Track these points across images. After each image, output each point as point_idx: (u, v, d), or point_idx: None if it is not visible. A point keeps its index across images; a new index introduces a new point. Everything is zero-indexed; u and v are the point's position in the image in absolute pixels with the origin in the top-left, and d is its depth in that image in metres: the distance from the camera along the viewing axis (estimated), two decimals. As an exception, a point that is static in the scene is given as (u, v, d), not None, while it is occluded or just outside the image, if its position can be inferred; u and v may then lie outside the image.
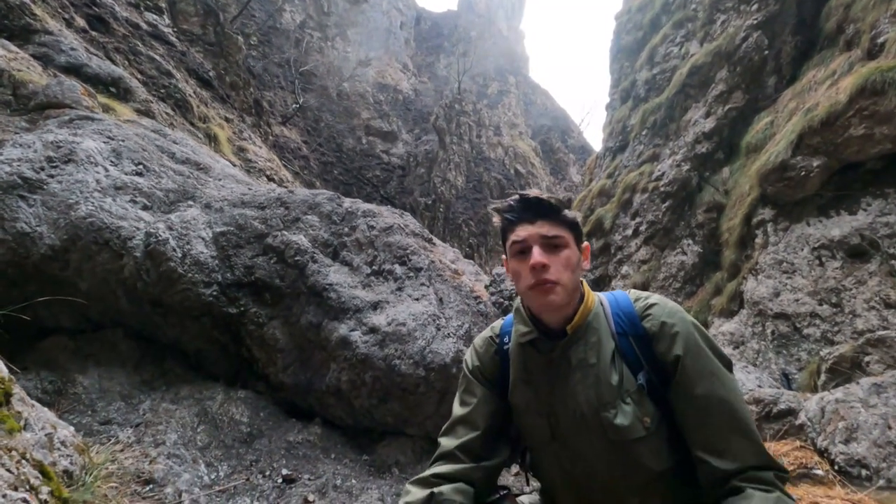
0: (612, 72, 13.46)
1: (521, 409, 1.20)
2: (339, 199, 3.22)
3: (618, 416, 1.06)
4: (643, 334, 1.09)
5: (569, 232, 1.12)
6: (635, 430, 1.05)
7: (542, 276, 1.07)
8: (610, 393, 1.07)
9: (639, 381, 1.07)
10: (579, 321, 1.13)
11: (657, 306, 1.12)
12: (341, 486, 2.42)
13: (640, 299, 1.16)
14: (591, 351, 1.11)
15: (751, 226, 6.87)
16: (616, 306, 1.16)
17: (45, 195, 2.66)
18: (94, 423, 2.57)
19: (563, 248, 1.10)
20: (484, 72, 27.54)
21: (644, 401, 1.06)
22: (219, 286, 2.84)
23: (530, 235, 1.10)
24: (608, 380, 1.08)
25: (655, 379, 1.08)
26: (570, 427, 1.12)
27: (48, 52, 4.91)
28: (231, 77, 11.86)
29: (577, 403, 1.11)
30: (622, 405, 1.06)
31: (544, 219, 1.10)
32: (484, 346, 1.32)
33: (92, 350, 2.90)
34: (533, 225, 1.10)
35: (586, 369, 1.10)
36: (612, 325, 1.13)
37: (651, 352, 1.08)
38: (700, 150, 8.78)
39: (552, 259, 1.09)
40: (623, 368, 1.09)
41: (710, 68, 9.08)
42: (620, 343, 1.11)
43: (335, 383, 2.70)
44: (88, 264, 2.69)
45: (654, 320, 1.09)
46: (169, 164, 3.31)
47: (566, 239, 1.11)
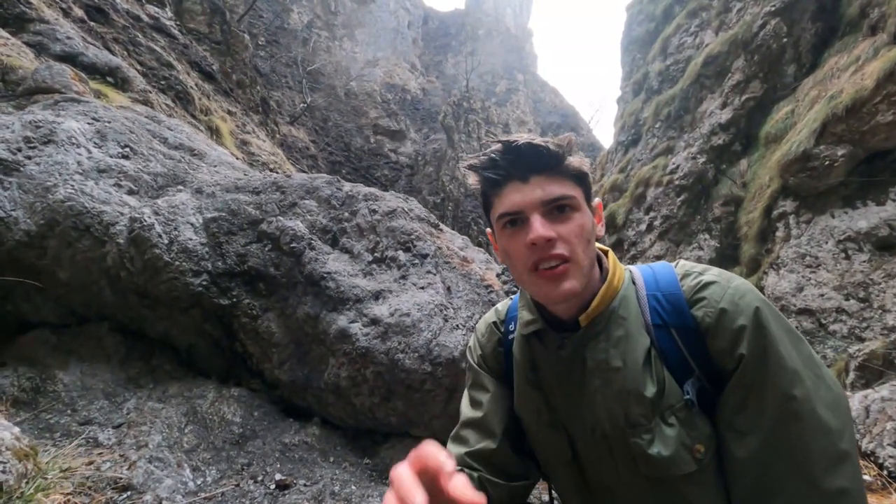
0: (624, 64, 13.16)
1: (530, 420, 0.91)
2: (339, 183, 3.00)
3: (654, 444, 0.75)
4: (693, 326, 0.76)
5: (578, 188, 0.79)
6: (681, 462, 0.74)
7: (548, 252, 0.76)
8: (642, 409, 0.76)
9: (686, 395, 0.74)
10: (599, 309, 0.81)
11: (715, 286, 0.77)
12: (340, 494, 2.19)
13: (689, 275, 0.81)
14: (614, 350, 0.80)
15: (771, 219, 6.58)
16: (654, 286, 0.83)
17: (22, 177, 2.47)
18: (73, 424, 2.37)
19: (574, 212, 0.78)
20: (492, 70, 27.33)
21: (695, 420, 0.74)
22: (209, 275, 2.63)
23: (526, 201, 0.77)
24: (639, 391, 0.77)
25: (711, 389, 0.75)
26: (588, 448, 0.84)
27: (43, 40, 4.77)
28: (238, 75, 11.75)
29: (596, 419, 0.81)
30: (662, 427, 0.75)
31: (542, 173, 0.77)
32: (486, 334, 1.02)
33: (75, 345, 2.70)
34: (527, 184, 0.77)
35: (608, 374, 0.80)
36: (647, 314, 0.81)
37: (704, 350, 0.75)
38: (716, 141, 8.49)
39: (559, 227, 0.77)
40: (664, 375, 0.77)
41: (727, 58, 8.79)
42: (659, 339, 0.78)
43: (334, 380, 2.48)
44: (68, 251, 2.49)
45: (709, 307, 0.75)
46: (159, 148, 3.11)
47: (576, 198, 0.78)
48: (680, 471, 0.74)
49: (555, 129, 26.75)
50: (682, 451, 0.74)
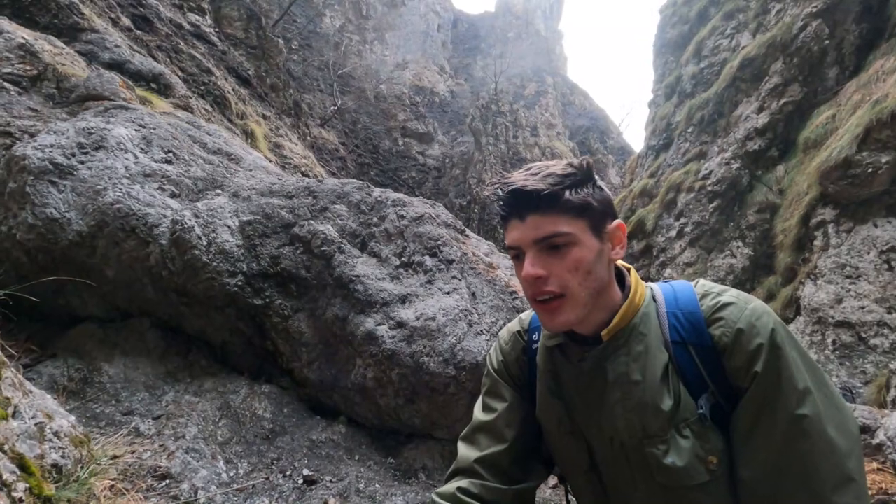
0: (656, 67, 12.94)
1: (551, 427, 0.95)
2: (369, 188, 3.08)
3: (669, 454, 0.79)
4: (710, 345, 0.80)
5: (577, 220, 0.81)
6: (694, 473, 0.78)
7: (541, 288, 0.81)
8: (659, 421, 0.80)
9: (700, 409, 0.78)
10: (620, 324, 0.85)
11: (733, 307, 0.80)
12: (364, 491, 2.26)
13: (708, 295, 0.85)
14: (634, 364, 0.84)
15: (809, 227, 6.37)
16: (674, 304, 0.86)
17: (75, 181, 2.64)
18: (117, 414, 2.51)
19: (570, 247, 0.81)
20: (521, 72, 27.21)
21: (708, 434, 0.78)
22: (244, 276, 2.75)
23: (521, 239, 0.82)
24: (657, 404, 0.80)
25: (725, 405, 0.79)
26: (606, 458, 0.88)
27: (93, 49, 5.04)
28: (272, 79, 12.08)
29: (615, 430, 0.85)
30: (677, 438, 0.79)
31: (537, 212, 0.81)
32: (510, 342, 1.05)
33: (119, 339, 2.86)
34: (523, 222, 0.82)
35: (628, 387, 0.84)
36: (667, 331, 0.84)
37: (720, 368, 0.79)
38: (752, 146, 8.27)
39: (553, 264, 0.81)
40: (680, 389, 0.80)
41: (764, 60, 8.55)
42: (677, 355, 0.82)
43: (360, 380, 2.56)
44: (115, 251, 2.65)
45: (726, 327, 0.79)
46: (199, 153, 3.26)
47: (572, 234, 0.81)
48: (693, 481, 0.78)
49: (584, 132, 26.44)
50: (695, 462, 0.77)
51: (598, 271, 0.83)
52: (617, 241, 0.87)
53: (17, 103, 3.55)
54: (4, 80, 3.57)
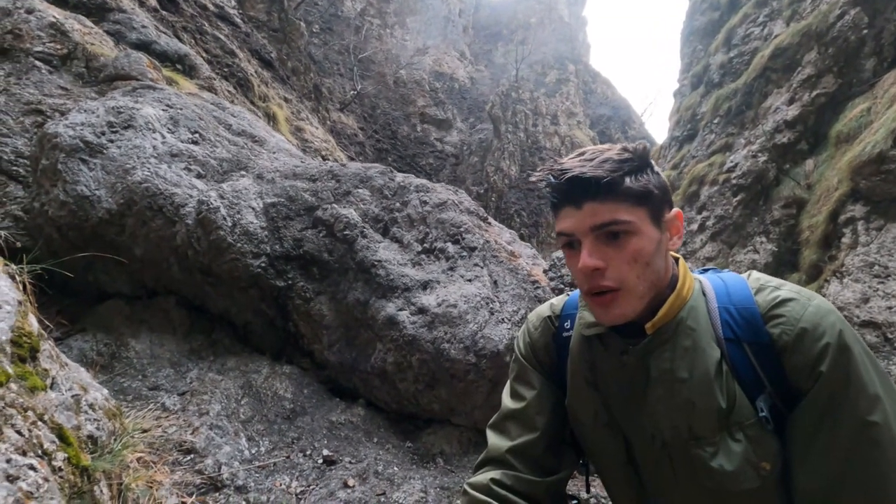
0: (683, 56, 12.57)
1: (586, 418, 0.91)
2: (392, 174, 3.07)
3: (718, 456, 0.74)
4: (768, 343, 0.74)
5: (636, 208, 0.77)
6: (744, 478, 0.73)
7: (597, 282, 0.77)
8: (707, 422, 0.75)
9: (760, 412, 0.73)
10: (666, 318, 0.80)
11: (794, 303, 0.74)
12: (382, 473, 2.28)
13: (765, 289, 0.78)
14: (681, 361, 0.78)
15: (837, 224, 6.19)
16: (726, 298, 0.80)
17: (105, 159, 2.68)
18: (144, 388, 2.57)
19: (629, 236, 0.76)
20: (543, 59, 26.76)
21: (764, 438, 0.73)
22: (267, 258, 2.77)
23: (577, 227, 0.77)
24: (707, 404, 0.75)
25: (783, 407, 0.73)
26: (646, 455, 0.83)
27: (121, 28, 5.08)
28: (293, 62, 12.08)
29: (656, 428, 0.80)
30: (728, 441, 0.74)
31: (595, 199, 0.76)
32: (539, 328, 1.01)
33: (145, 316, 2.92)
34: (580, 210, 0.77)
35: (673, 385, 0.79)
36: (719, 328, 0.79)
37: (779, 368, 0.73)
38: (780, 139, 8.02)
39: (611, 255, 0.76)
40: (735, 389, 0.75)
41: (797, 50, 8.26)
42: (730, 352, 0.76)
43: (380, 364, 2.57)
44: (143, 230, 2.69)
45: (787, 325, 0.73)
46: (225, 135, 3.28)
47: (633, 223, 0.76)
48: (741, 486, 0.73)
49: (605, 121, 25.99)
50: (746, 466, 0.73)
51: (656, 263, 0.79)
52: (675, 230, 0.82)
53: (48, 82, 3.60)
54: (36, 59, 3.62)
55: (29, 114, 3.32)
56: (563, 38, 29.08)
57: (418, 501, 2.08)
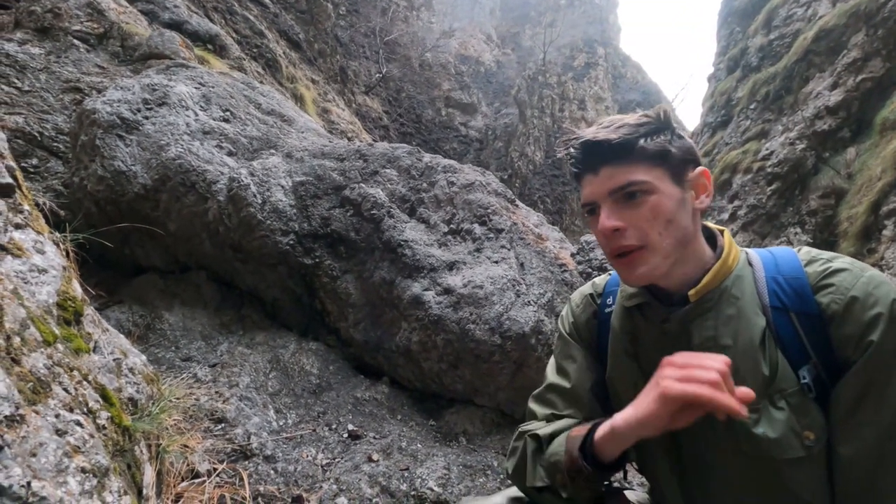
0: (720, 38, 12.12)
1: (625, 389, 0.91)
2: (419, 154, 3.05)
3: (761, 424, 0.74)
4: (816, 313, 0.73)
5: (654, 168, 0.79)
6: (788, 446, 0.73)
7: (618, 242, 0.79)
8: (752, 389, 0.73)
9: (802, 379, 0.73)
10: (710, 285, 0.80)
11: (846, 273, 0.73)
12: (406, 449, 2.32)
13: (816, 261, 0.78)
14: (724, 328, 0.78)
15: (878, 215, 5.94)
16: (774, 269, 0.81)
17: (140, 136, 2.73)
18: (177, 359, 2.66)
19: (646, 195, 0.78)
20: (571, 42, 26.13)
21: (808, 407, 0.73)
22: (295, 235, 2.81)
23: (595, 193, 0.81)
24: (750, 370, 0.75)
25: (827, 378, 0.73)
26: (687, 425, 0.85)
27: (154, 8, 5.15)
28: (319, 44, 12.08)
29: None
30: (770, 409, 0.74)
31: (611, 163, 0.79)
32: (581, 305, 1.04)
33: (178, 290, 3.01)
34: (597, 176, 0.80)
35: (715, 352, 0.76)
36: (766, 296, 0.78)
37: (825, 338, 0.73)
38: (821, 126, 7.69)
39: (629, 215, 0.78)
40: (779, 358, 0.75)
41: (843, 32, 7.86)
42: (776, 322, 0.76)
43: (405, 343, 2.59)
44: (176, 205, 2.75)
45: (838, 293, 0.72)
46: (255, 113, 3.31)
47: (649, 182, 0.78)
48: (785, 454, 0.73)
49: (634, 106, 25.30)
50: (790, 435, 0.73)
51: (680, 219, 0.79)
52: (702, 188, 0.83)
53: (85, 60, 3.68)
54: (74, 38, 3.70)
55: (68, 91, 3.41)
56: (593, 21, 28.33)
57: (441, 478, 2.10)
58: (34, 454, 0.75)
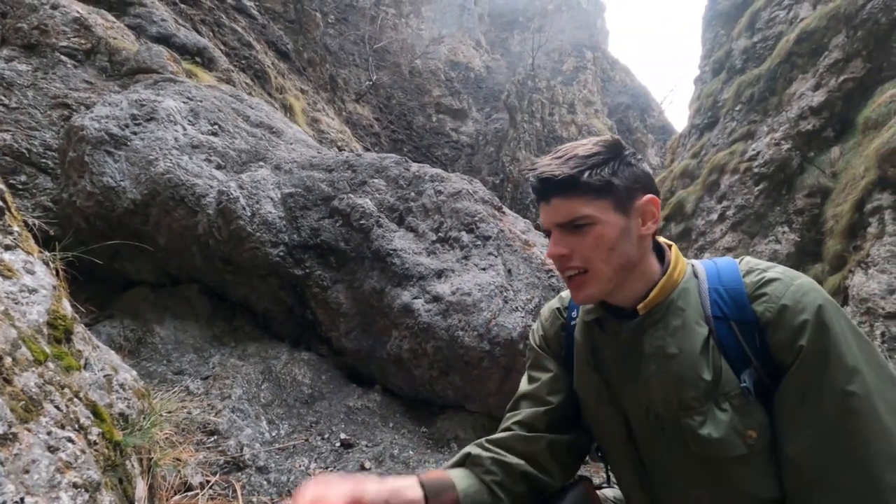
0: (705, 41, 12.31)
1: (589, 399, 0.98)
2: (407, 163, 3.09)
3: (706, 425, 0.79)
4: (753, 320, 0.80)
5: (597, 200, 0.84)
6: (731, 445, 0.78)
7: (565, 264, 0.87)
8: (695, 393, 0.81)
9: (742, 383, 0.78)
10: (656, 299, 0.87)
11: (778, 283, 0.79)
12: (398, 457, 2.34)
13: (753, 271, 0.84)
14: (671, 338, 0.85)
15: (863, 213, 6.05)
16: (716, 280, 0.87)
17: (129, 151, 2.76)
18: (169, 373, 2.67)
19: (591, 226, 0.84)
20: (560, 47, 26.38)
21: (750, 408, 0.78)
22: (285, 247, 2.83)
23: (546, 221, 0.89)
24: (695, 377, 0.81)
25: (768, 381, 0.78)
26: (642, 429, 0.90)
27: (141, 22, 5.17)
28: (309, 53, 12.13)
29: (650, 401, 0.86)
30: (715, 411, 0.79)
31: (559, 195, 0.86)
32: (550, 319, 1.11)
33: (169, 303, 3.02)
34: (549, 205, 0.87)
35: (664, 360, 0.85)
36: (708, 307, 0.85)
37: (763, 344, 0.79)
38: (805, 126, 7.82)
39: (574, 241, 0.85)
40: (721, 364, 0.81)
41: (825, 34, 8.01)
42: (718, 330, 0.82)
43: (396, 351, 2.62)
44: (166, 219, 2.77)
45: (770, 302, 0.78)
46: (243, 126, 3.34)
47: (591, 216, 0.84)
48: (729, 452, 0.78)
49: (623, 109, 25.56)
50: (733, 434, 0.78)
51: (622, 247, 0.85)
52: (649, 215, 0.88)
53: (73, 76, 3.70)
54: (62, 54, 3.72)
55: (56, 107, 3.43)
56: (581, 25, 28.63)
57: (433, 484, 2.13)
58: (27, 471, 0.77)
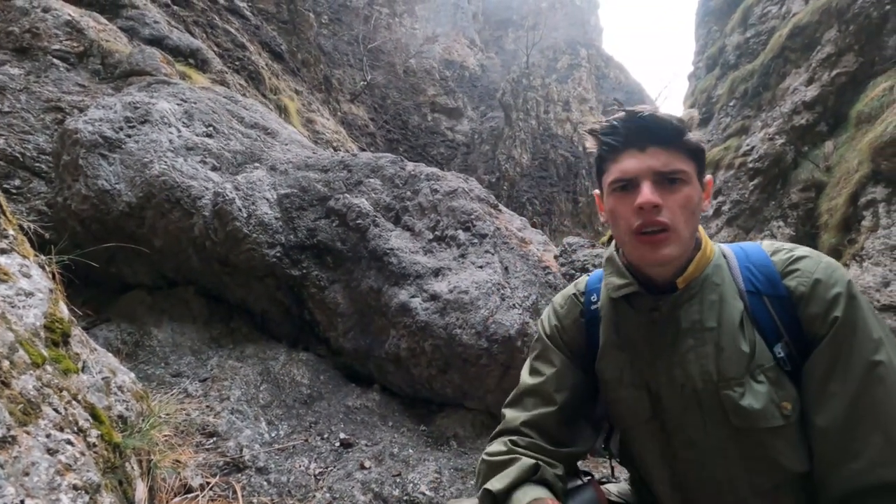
0: (698, 38, 12.33)
1: (612, 380, 0.97)
2: (402, 163, 3.10)
3: (746, 397, 0.81)
4: (785, 295, 0.83)
5: (692, 163, 0.86)
6: (770, 416, 0.80)
7: (653, 217, 0.83)
8: (737, 366, 0.83)
9: (778, 354, 0.82)
10: (694, 273, 0.88)
11: (808, 260, 0.84)
12: (398, 455, 2.35)
13: (781, 250, 0.88)
14: (709, 312, 0.86)
15: (857, 206, 6.07)
16: (745, 259, 0.90)
17: (123, 154, 2.75)
18: (167, 375, 2.66)
19: (684, 185, 0.84)
20: (554, 45, 26.38)
21: (783, 381, 0.81)
22: (282, 248, 2.83)
23: (640, 168, 0.84)
24: (735, 349, 0.83)
25: (798, 355, 0.82)
26: (675, 405, 0.89)
27: (134, 25, 5.15)
28: (303, 54, 12.11)
29: (687, 376, 0.86)
30: (752, 383, 0.81)
31: (660, 145, 0.84)
32: (566, 306, 1.08)
33: (166, 306, 3.01)
34: (644, 153, 0.84)
35: (702, 334, 0.86)
36: (741, 282, 0.87)
37: (794, 318, 0.82)
38: (798, 121, 7.84)
39: (666, 198, 0.83)
40: (755, 337, 0.83)
41: (817, 28, 8.03)
42: (752, 304, 0.85)
43: (394, 350, 2.62)
44: (162, 222, 2.76)
45: (803, 277, 0.82)
46: (238, 128, 3.34)
47: (688, 173, 0.85)
48: (768, 423, 0.80)
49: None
50: (771, 405, 0.80)
51: (697, 215, 0.87)
52: (706, 194, 0.90)
53: (66, 79, 3.68)
54: (54, 57, 3.70)
55: (49, 111, 3.41)
56: (575, 22, 28.67)
57: (433, 482, 2.13)
58: (27, 473, 0.78)
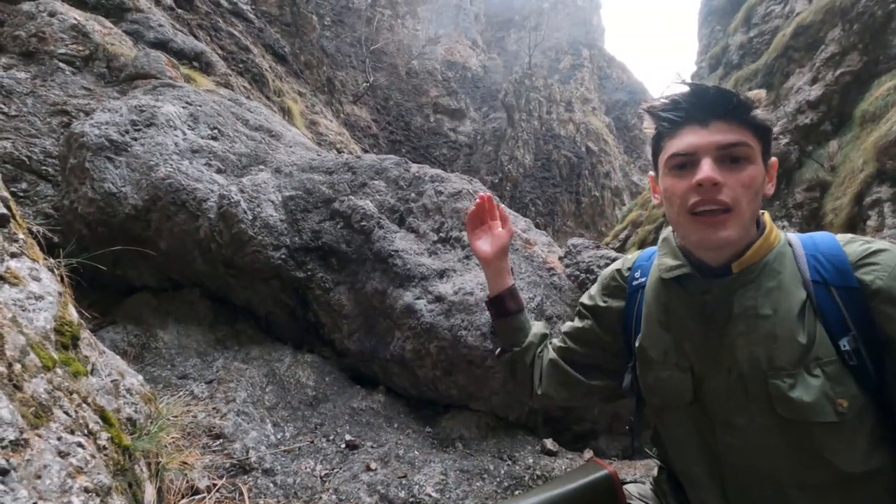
0: (701, 37, 12.34)
1: (653, 359, 0.95)
2: (407, 164, 3.10)
3: (796, 388, 0.77)
4: (857, 287, 0.77)
5: (756, 140, 0.81)
6: (821, 411, 0.76)
7: (713, 195, 0.79)
8: (789, 355, 0.79)
9: (843, 348, 0.76)
10: (752, 258, 0.84)
11: (888, 253, 0.77)
12: (403, 457, 2.35)
13: (856, 241, 0.82)
14: (765, 299, 0.82)
15: (862, 206, 6.05)
16: (812, 248, 0.84)
17: (129, 157, 2.76)
18: (173, 377, 2.67)
19: (747, 163, 0.80)
20: (556, 45, 26.40)
21: (844, 377, 0.76)
22: (287, 250, 2.84)
23: (701, 144, 0.80)
24: (790, 338, 0.79)
25: (866, 351, 0.77)
26: (719, 389, 0.86)
27: (139, 28, 5.18)
28: (306, 56, 12.15)
29: (734, 361, 0.84)
30: (805, 375, 0.77)
31: (724, 119, 0.80)
32: (606, 280, 1.10)
33: (172, 308, 3.02)
34: (706, 129, 0.80)
35: (755, 321, 0.82)
36: (806, 271, 0.82)
37: (865, 312, 0.77)
38: (803, 120, 7.83)
39: (728, 176, 0.79)
40: (817, 329, 0.79)
41: (821, 27, 8.02)
42: (817, 295, 0.80)
43: (399, 352, 2.63)
44: (168, 224, 2.77)
45: (882, 271, 0.76)
46: (242, 130, 3.35)
47: (752, 150, 0.80)
48: (818, 417, 0.76)
49: (620, 106, 25.57)
50: (823, 400, 0.76)
51: (760, 197, 0.83)
52: (770, 176, 0.86)
53: (72, 83, 3.71)
54: (60, 61, 3.73)
55: (55, 114, 3.44)
56: (577, 23, 28.67)
57: (439, 483, 2.13)
58: (39, 476, 0.78)
